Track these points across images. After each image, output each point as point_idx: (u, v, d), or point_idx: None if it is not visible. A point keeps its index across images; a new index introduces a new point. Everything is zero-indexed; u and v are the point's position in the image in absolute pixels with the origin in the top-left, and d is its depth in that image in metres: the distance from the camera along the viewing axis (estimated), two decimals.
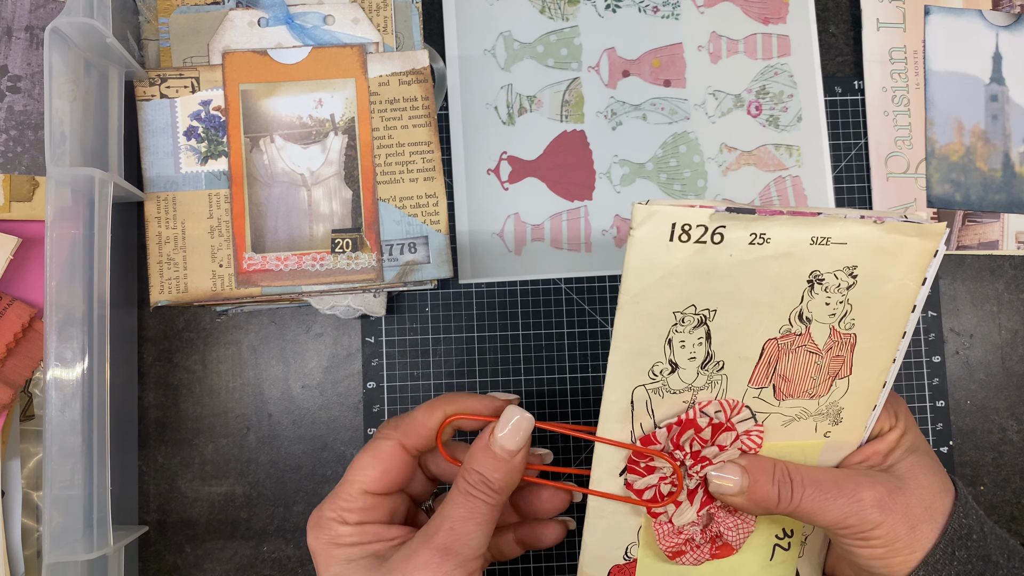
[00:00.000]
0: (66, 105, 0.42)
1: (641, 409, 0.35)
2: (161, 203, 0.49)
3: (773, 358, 0.35)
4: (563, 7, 0.53)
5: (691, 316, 0.33)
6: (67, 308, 0.41)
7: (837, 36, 0.55)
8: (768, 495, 0.35)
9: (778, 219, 0.32)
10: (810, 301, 0.34)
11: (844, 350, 0.35)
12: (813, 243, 0.32)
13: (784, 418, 0.37)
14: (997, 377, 0.54)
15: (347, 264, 0.49)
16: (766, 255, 0.32)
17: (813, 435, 0.37)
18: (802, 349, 0.35)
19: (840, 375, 0.36)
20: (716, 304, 0.33)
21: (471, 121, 0.53)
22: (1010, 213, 0.54)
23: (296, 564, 0.51)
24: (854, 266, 0.33)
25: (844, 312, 0.34)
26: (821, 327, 0.35)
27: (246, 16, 0.50)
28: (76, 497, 0.41)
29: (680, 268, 0.32)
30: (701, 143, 0.53)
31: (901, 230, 0.33)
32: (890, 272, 0.34)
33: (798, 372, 0.36)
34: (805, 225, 0.32)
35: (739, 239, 0.32)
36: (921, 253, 0.33)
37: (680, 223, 0.31)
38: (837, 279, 0.34)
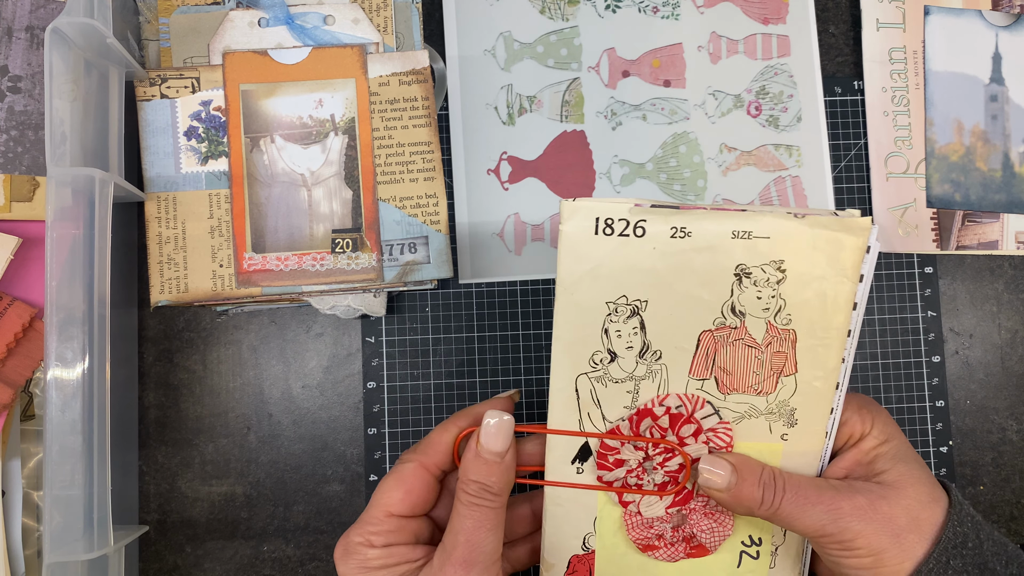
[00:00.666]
0: (66, 105, 0.42)
1: (587, 397, 0.37)
2: (161, 203, 0.49)
3: (711, 350, 0.36)
4: (563, 7, 0.53)
5: (623, 306, 0.35)
6: (67, 308, 0.41)
7: (837, 36, 0.56)
8: (752, 496, 0.36)
9: (698, 213, 0.33)
10: (740, 294, 0.35)
11: (785, 346, 0.36)
12: (735, 237, 0.34)
13: (733, 414, 0.37)
14: (997, 377, 0.54)
15: (347, 264, 0.49)
16: (689, 248, 0.34)
17: (769, 436, 0.37)
18: (740, 343, 0.36)
19: (785, 372, 0.36)
20: (646, 295, 0.35)
21: (471, 121, 0.53)
22: (1010, 213, 0.54)
23: (296, 564, 0.51)
24: (781, 260, 0.34)
25: (778, 307, 0.35)
26: (756, 321, 0.36)
27: (246, 16, 0.50)
28: (76, 497, 0.41)
29: (607, 260, 0.34)
30: (701, 143, 0.53)
31: (825, 225, 0.34)
32: (821, 269, 0.34)
33: (738, 365, 0.36)
34: (725, 219, 0.34)
35: (660, 232, 0.34)
36: (852, 249, 0.34)
37: (603, 217, 0.33)
38: (765, 273, 0.35)
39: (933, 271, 0.54)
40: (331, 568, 0.51)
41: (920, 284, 0.54)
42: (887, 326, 0.53)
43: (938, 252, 0.53)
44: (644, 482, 0.38)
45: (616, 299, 0.35)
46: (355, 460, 0.51)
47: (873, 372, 0.53)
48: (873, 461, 0.37)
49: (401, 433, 0.51)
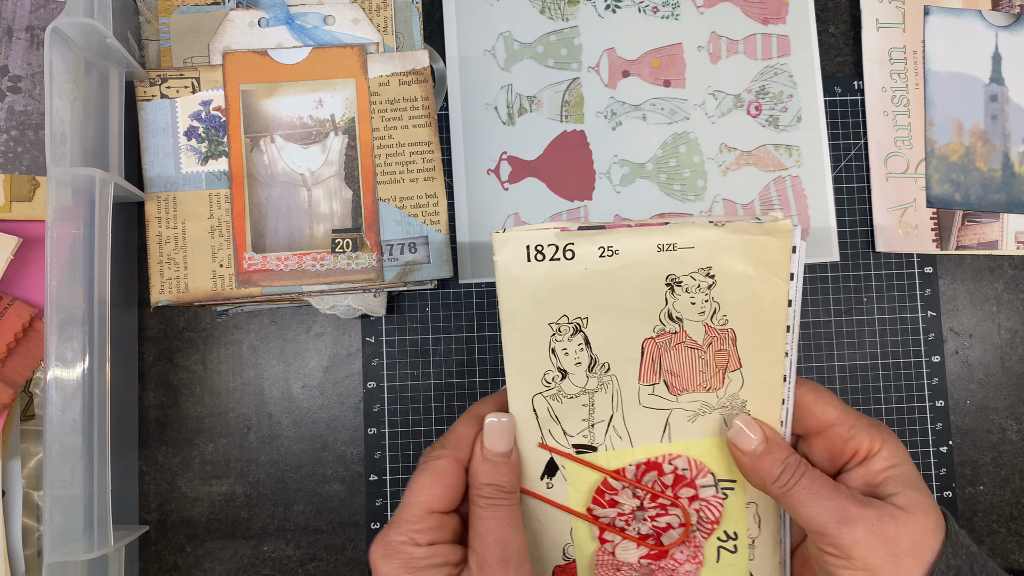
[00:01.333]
0: (67, 105, 0.42)
1: (545, 415, 0.38)
2: (161, 203, 0.49)
3: (655, 356, 0.37)
4: (563, 7, 0.53)
5: (566, 325, 0.36)
6: (68, 308, 0.41)
7: (837, 36, 0.56)
8: (771, 470, 0.36)
9: (623, 231, 0.35)
10: (675, 302, 0.37)
11: (725, 344, 0.37)
12: (661, 250, 0.36)
13: (688, 412, 0.38)
14: (996, 377, 0.54)
15: (347, 264, 0.49)
16: (618, 265, 0.35)
17: (726, 430, 0.38)
18: (682, 345, 0.37)
19: (730, 368, 0.38)
20: (586, 312, 0.36)
21: (471, 121, 0.53)
22: (1009, 213, 0.54)
23: (296, 564, 0.51)
24: (708, 267, 0.36)
25: (713, 310, 0.37)
26: (694, 324, 0.37)
27: (246, 16, 0.50)
28: (76, 497, 0.41)
29: (543, 284, 0.35)
30: (701, 143, 0.53)
31: (745, 230, 0.35)
32: (749, 270, 0.36)
33: (684, 367, 0.38)
34: (649, 235, 0.35)
35: (589, 253, 0.35)
36: (777, 250, 0.36)
37: (533, 244, 0.35)
38: (695, 280, 0.36)
39: (933, 271, 0.54)
40: (331, 568, 0.51)
41: (920, 284, 0.54)
42: (887, 326, 0.53)
43: (938, 252, 0.53)
44: (630, 529, 0.39)
45: (558, 319, 0.36)
46: (355, 460, 0.51)
47: (873, 372, 0.53)
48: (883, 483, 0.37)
49: (401, 433, 0.51)
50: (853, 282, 0.53)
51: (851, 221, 0.54)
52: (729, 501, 0.39)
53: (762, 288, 0.36)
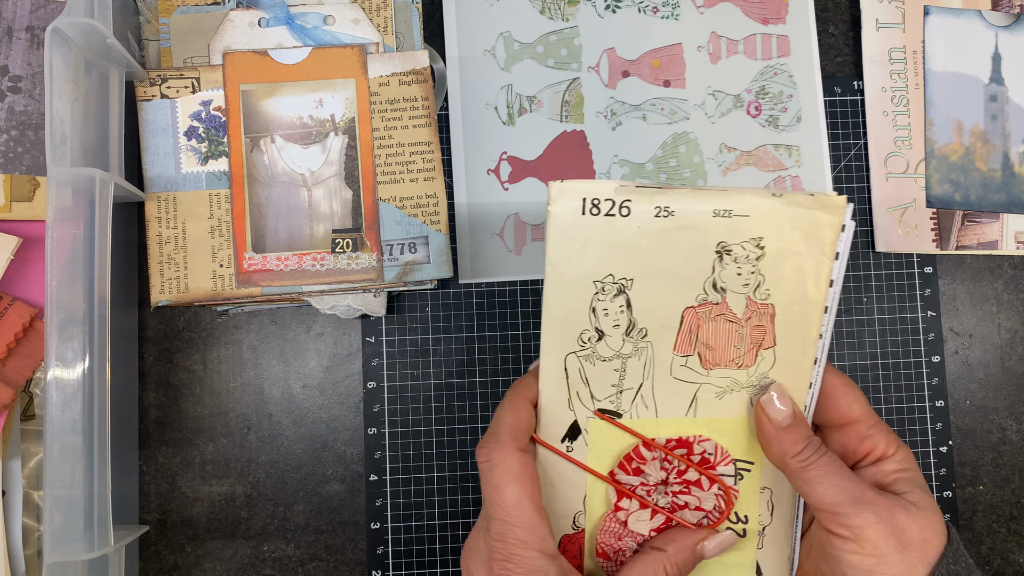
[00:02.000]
0: (67, 105, 0.42)
1: (576, 376, 0.38)
2: (162, 203, 0.49)
3: (694, 326, 0.37)
4: (563, 7, 0.53)
5: (610, 285, 0.36)
6: (68, 308, 0.41)
7: (837, 36, 0.56)
8: (794, 444, 0.36)
9: (681, 192, 0.34)
10: (721, 271, 0.36)
11: (764, 320, 0.37)
12: (716, 215, 0.35)
13: (716, 389, 0.38)
14: (996, 377, 0.54)
15: (347, 264, 0.49)
16: (672, 227, 0.35)
17: (750, 409, 0.38)
18: (721, 318, 0.37)
19: (764, 345, 0.37)
20: (632, 273, 0.36)
21: (471, 121, 0.53)
22: (1009, 213, 0.54)
23: (296, 564, 0.51)
24: (760, 237, 0.35)
25: (758, 283, 0.36)
26: (737, 297, 0.36)
27: (246, 16, 0.50)
28: (77, 497, 0.41)
29: (594, 239, 0.35)
30: (701, 143, 0.53)
31: (801, 203, 0.35)
32: (798, 245, 0.35)
33: (720, 340, 0.37)
34: (706, 198, 0.35)
35: (645, 212, 0.35)
36: (827, 227, 0.35)
37: (590, 197, 0.34)
38: (745, 250, 0.36)
39: (933, 271, 0.54)
40: (331, 568, 0.51)
41: (920, 284, 0.54)
42: (887, 326, 0.53)
43: (938, 252, 0.53)
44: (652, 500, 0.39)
45: (603, 278, 0.36)
46: (355, 460, 0.51)
47: (873, 372, 0.53)
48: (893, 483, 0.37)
49: (401, 433, 0.51)
50: (853, 282, 0.53)
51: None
52: (744, 483, 0.39)
53: (808, 264, 0.36)
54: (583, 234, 0.35)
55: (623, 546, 0.39)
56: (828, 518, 0.35)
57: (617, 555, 0.39)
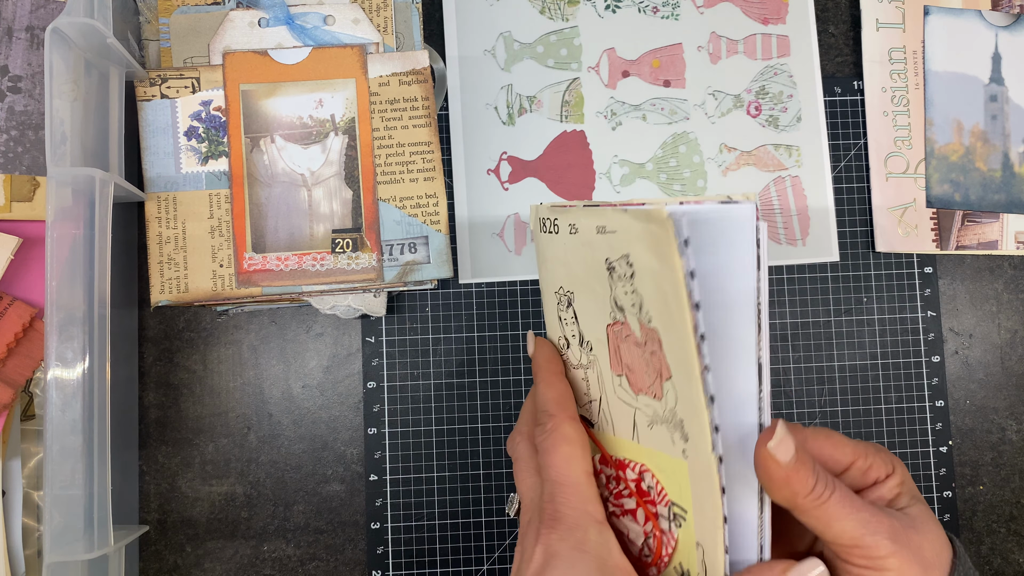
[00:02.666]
0: (67, 105, 0.42)
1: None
2: (162, 203, 0.49)
3: (615, 345, 0.35)
4: (563, 7, 0.53)
5: (563, 296, 0.38)
6: (68, 308, 0.41)
7: (837, 36, 0.56)
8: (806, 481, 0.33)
9: (579, 210, 0.35)
10: (615, 289, 0.34)
11: (655, 346, 0.33)
12: (599, 232, 0.34)
13: (646, 416, 0.35)
14: (996, 377, 0.54)
15: (347, 264, 0.49)
16: (580, 243, 0.36)
17: (672, 449, 0.34)
18: (629, 339, 0.34)
19: (664, 376, 0.33)
20: (572, 287, 0.37)
21: (471, 121, 0.53)
22: (1009, 213, 0.54)
23: (296, 564, 0.51)
24: (627, 254, 0.32)
25: (639, 302, 0.33)
26: (632, 318, 0.34)
27: (246, 16, 0.50)
28: (77, 497, 0.41)
29: (546, 254, 0.38)
30: (701, 143, 0.53)
31: (636, 216, 0.31)
32: (651, 261, 0.31)
33: (635, 363, 0.34)
34: (591, 215, 0.35)
35: (564, 229, 0.36)
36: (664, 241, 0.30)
37: (541, 217, 0.37)
38: (621, 268, 0.33)
39: (933, 271, 0.54)
40: (331, 568, 0.51)
41: (920, 284, 0.54)
42: (887, 326, 0.53)
43: (938, 252, 0.54)
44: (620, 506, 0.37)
45: (557, 289, 0.39)
46: (355, 460, 0.51)
47: (873, 372, 0.53)
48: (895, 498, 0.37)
49: (401, 433, 0.51)
50: (853, 282, 0.53)
51: (851, 221, 0.54)
52: (683, 532, 0.34)
53: (664, 283, 0.31)
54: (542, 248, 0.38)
55: None
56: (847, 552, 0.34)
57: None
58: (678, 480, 0.34)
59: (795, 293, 0.53)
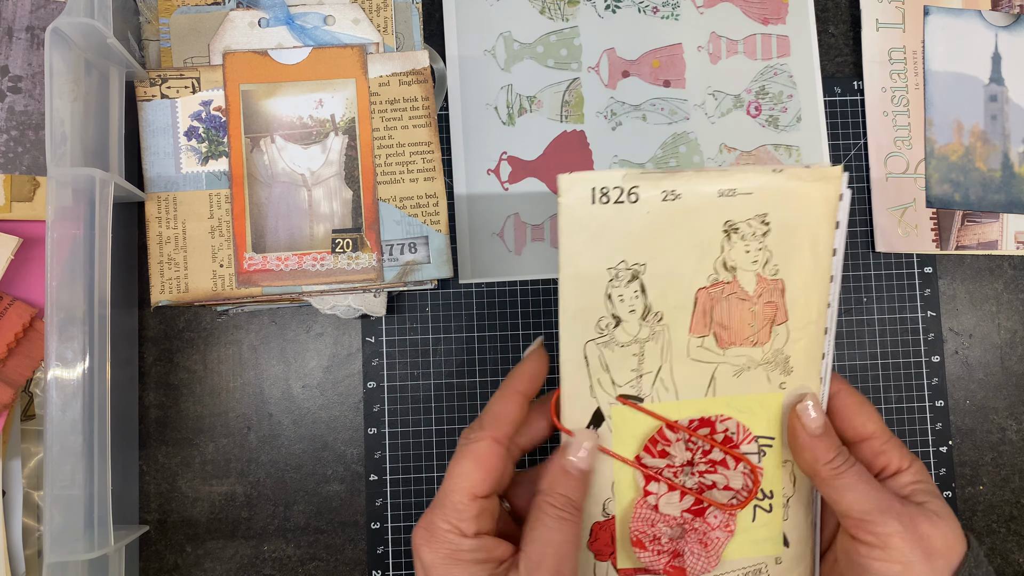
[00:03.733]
0: (67, 105, 0.42)
1: (596, 363, 0.38)
2: (162, 203, 0.49)
3: (707, 307, 0.38)
4: (563, 7, 0.53)
5: (624, 271, 0.37)
6: (68, 308, 0.41)
7: (837, 36, 0.56)
8: (827, 451, 0.37)
9: (686, 175, 0.35)
10: (730, 250, 0.37)
11: (774, 296, 0.38)
12: (721, 195, 0.36)
13: (733, 368, 0.39)
14: (996, 377, 0.54)
15: (347, 264, 0.49)
16: (680, 210, 0.36)
17: (768, 386, 0.39)
18: (733, 296, 0.38)
19: (777, 321, 0.38)
20: (644, 258, 0.37)
21: (471, 121, 0.53)
22: (1009, 213, 0.54)
23: (296, 564, 0.51)
24: (764, 214, 0.36)
25: (766, 259, 0.37)
26: (747, 274, 0.37)
27: (246, 16, 0.50)
28: (77, 497, 0.41)
29: (605, 227, 0.36)
30: (701, 143, 0.53)
31: (801, 176, 0.36)
32: (801, 218, 0.37)
33: (734, 319, 0.38)
34: (711, 179, 0.36)
35: (652, 197, 0.36)
36: (826, 198, 0.36)
37: (599, 186, 0.35)
38: (751, 227, 0.37)
39: (933, 271, 0.54)
40: (331, 568, 0.51)
41: (920, 284, 0.54)
42: (887, 326, 0.53)
43: (938, 252, 0.54)
44: (679, 482, 0.39)
45: (616, 264, 0.37)
46: (355, 460, 0.51)
47: (873, 372, 0.53)
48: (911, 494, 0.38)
49: (401, 433, 0.51)
50: (853, 282, 0.53)
51: (851, 221, 0.54)
52: (767, 459, 0.40)
53: (811, 235, 0.37)
54: (595, 223, 0.36)
55: (657, 532, 0.39)
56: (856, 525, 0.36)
57: (653, 543, 0.39)
58: (767, 413, 0.39)
59: None
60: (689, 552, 0.39)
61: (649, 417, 0.39)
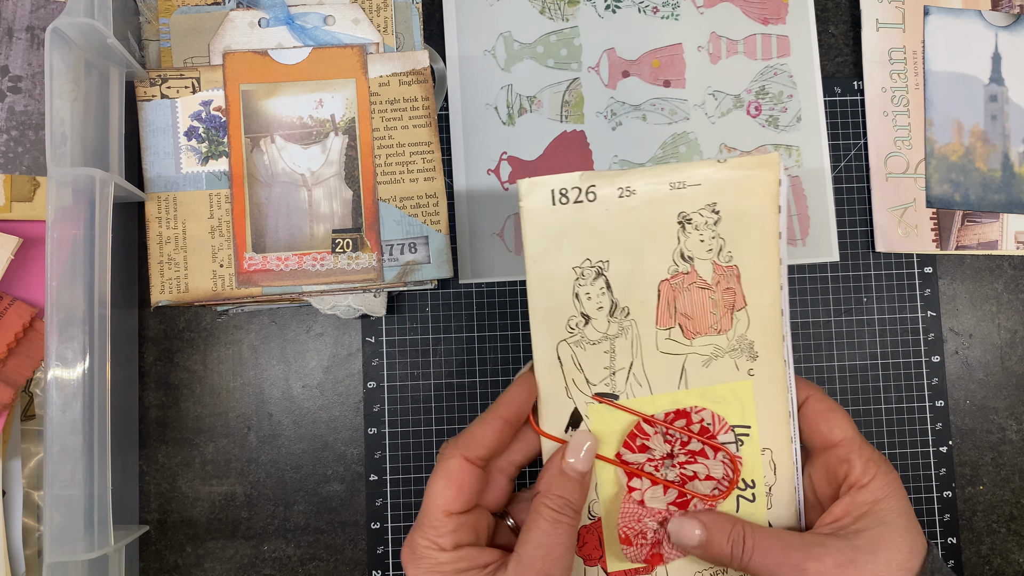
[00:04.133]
0: (67, 105, 0.42)
1: (569, 363, 0.39)
2: (162, 203, 0.49)
3: (670, 298, 0.39)
4: (563, 7, 0.53)
5: (588, 269, 0.38)
6: (68, 308, 0.41)
7: (837, 36, 0.56)
8: (722, 551, 0.38)
9: (638, 172, 0.37)
10: (686, 240, 0.38)
11: (731, 282, 0.39)
12: (672, 188, 0.38)
13: (702, 357, 0.40)
14: (996, 377, 0.54)
15: (347, 264, 0.49)
16: (636, 205, 0.37)
17: (737, 374, 0.40)
18: (693, 286, 0.39)
19: (736, 307, 0.39)
20: (606, 255, 0.38)
21: (471, 121, 0.53)
22: (1009, 213, 0.54)
23: (296, 564, 0.51)
24: (714, 203, 0.38)
25: (719, 246, 0.39)
26: (704, 263, 0.39)
27: (247, 16, 0.50)
28: (77, 497, 0.41)
29: (567, 227, 0.37)
30: (701, 143, 0.53)
31: (743, 165, 0.38)
32: (747, 204, 0.38)
33: (696, 308, 0.39)
34: (661, 174, 0.37)
35: (609, 194, 0.37)
36: (767, 183, 0.38)
37: (558, 188, 0.37)
38: (703, 216, 0.38)
39: (933, 271, 0.54)
40: (331, 568, 0.51)
41: (920, 284, 0.54)
42: (887, 326, 0.53)
43: (938, 252, 0.54)
44: (660, 475, 0.40)
45: (581, 263, 0.38)
46: (355, 460, 0.51)
47: (873, 372, 0.53)
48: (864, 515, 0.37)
49: (401, 433, 0.51)
50: (853, 282, 0.53)
51: (851, 221, 0.54)
52: (745, 448, 0.40)
53: (758, 221, 0.38)
54: (556, 224, 0.37)
55: (644, 527, 0.40)
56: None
57: (638, 537, 0.40)
58: (740, 401, 0.40)
59: (795, 293, 0.53)
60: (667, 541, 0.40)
61: (626, 414, 0.39)
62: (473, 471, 0.37)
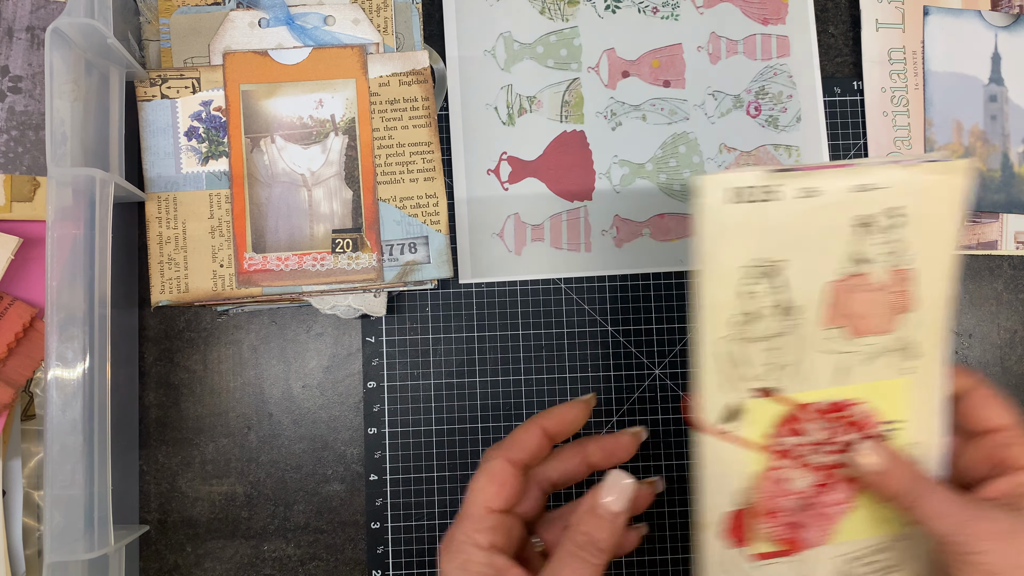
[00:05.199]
0: (67, 105, 0.42)
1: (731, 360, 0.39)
2: (162, 203, 0.49)
3: (840, 299, 0.39)
4: (563, 8, 0.53)
5: (760, 268, 0.38)
6: (68, 308, 0.41)
7: (836, 36, 0.56)
8: (902, 483, 0.38)
9: (822, 172, 0.37)
10: (862, 243, 0.38)
11: (904, 285, 0.39)
12: (855, 190, 0.37)
13: (863, 356, 0.40)
14: (996, 377, 0.54)
15: (347, 264, 0.49)
16: (815, 206, 0.37)
17: (897, 371, 0.40)
18: (865, 288, 0.39)
19: (906, 309, 0.39)
20: (780, 255, 0.38)
21: (471, 121, 0.53)
22: (1009, 213, 0.54)
23: (297, 564, 0.51)
24: (898, 207, 0.38)
25: (897, 250, 0.39)
26: (878, 266, 0.39)
27: (247, 17, 0.50)
28: (77, 496, 0.41)
29: (743, 226, 0.37)
30: (700, 143, 0.53)
31: (934, 169, 0.38)
32: (932, 210, 0.38)
33: (865, 310, 0.39)
34: (844, 175, 0.37)
35: (789, 195, 0.37)
36: (953, 188, 0.38)
37: (737, 186, 0.37)
38: (885, 220, 0.38)
39: None
40: (331, 568, 0.51)
41: None
42: None
43: None
44: (809, 460, 0.40)
45: (753, 261, 0.38)
46: (355, 460, 0.51)
47: None
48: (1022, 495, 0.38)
49: (401, 433, 0.51)
50: None
51: None
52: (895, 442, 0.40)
53: (940, 227, 0.38)
54: (733, 222, 0.37)
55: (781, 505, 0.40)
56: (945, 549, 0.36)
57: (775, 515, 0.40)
58: (894, 398, 0.40)
59: None
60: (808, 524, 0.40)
61: (783, 408, 0.40)
62: (514, 472, 0.38)
